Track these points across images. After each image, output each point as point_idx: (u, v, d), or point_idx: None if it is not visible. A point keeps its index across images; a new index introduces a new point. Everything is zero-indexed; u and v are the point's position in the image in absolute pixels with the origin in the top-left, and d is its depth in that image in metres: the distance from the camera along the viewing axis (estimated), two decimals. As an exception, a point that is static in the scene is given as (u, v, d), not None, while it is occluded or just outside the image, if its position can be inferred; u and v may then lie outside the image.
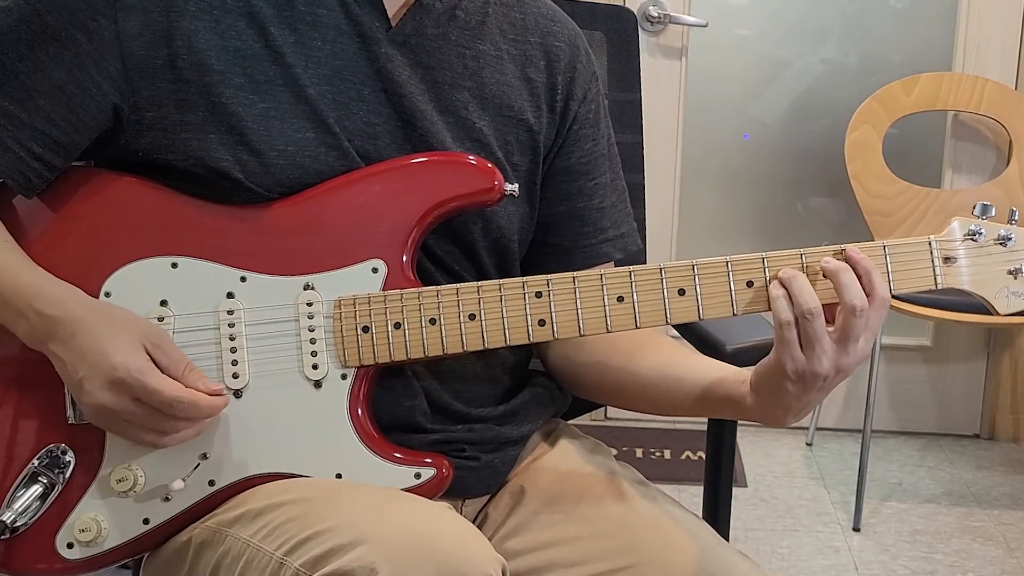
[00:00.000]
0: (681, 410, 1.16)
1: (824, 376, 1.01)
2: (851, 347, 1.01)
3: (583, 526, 1.13)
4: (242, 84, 1.10)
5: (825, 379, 1.01)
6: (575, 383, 1.27)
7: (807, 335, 1.00)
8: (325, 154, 1.11)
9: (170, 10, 1.09)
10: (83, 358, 1.04)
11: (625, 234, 1.29)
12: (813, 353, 1.00)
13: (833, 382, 1.03)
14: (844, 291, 1.01)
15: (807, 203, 3.24)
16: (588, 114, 1.25)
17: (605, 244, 1.27)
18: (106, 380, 1.03)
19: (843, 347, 1.01)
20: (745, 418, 1.10)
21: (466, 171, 1.12)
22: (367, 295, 1.09)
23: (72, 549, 1.09)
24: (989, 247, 1.08)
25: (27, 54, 1.08)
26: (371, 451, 1.09)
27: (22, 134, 1.08)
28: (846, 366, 1.01)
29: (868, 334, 1.02)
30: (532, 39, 1.23)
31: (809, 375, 1.01)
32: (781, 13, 3.16)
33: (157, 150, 1.10)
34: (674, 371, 1.16)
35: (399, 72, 1.14)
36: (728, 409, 1.11)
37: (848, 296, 1.00)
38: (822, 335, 1.00)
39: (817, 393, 1.03)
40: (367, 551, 0.93)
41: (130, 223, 1.11)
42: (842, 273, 1.02)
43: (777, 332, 1.02)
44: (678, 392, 1.15)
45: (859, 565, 2.51)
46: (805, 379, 1.01)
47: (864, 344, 1.02)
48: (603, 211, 1.26)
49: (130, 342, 1.04)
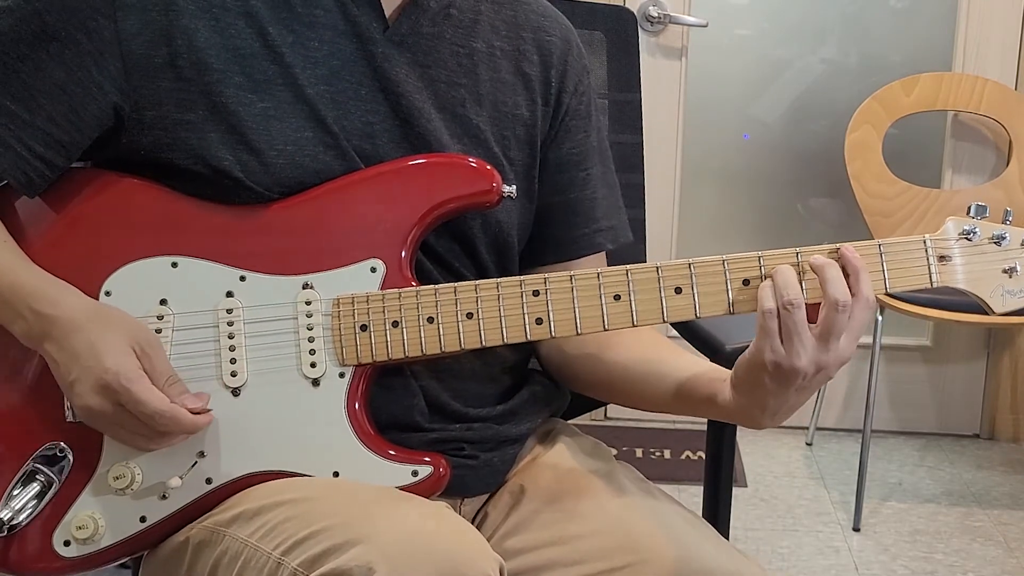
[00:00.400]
0: (663, 405, 1.17)
1: (802, 373, 1.01)
2: (832, 344, 1.01)
3: (583, 525, 1.13)
4: (242, 83, 1.10)
5: (804, 376, 1.01)
6: (566, 375, 1.27)
7: (787, 327, 1.01)
8: (324, 153, 1.12)
9: (169, 9, 1.09)
10: (76, 359, 1.04)
11: (616, 226, 1.29)
12: (792, 346, 1.00)
13: (812, 382, 1.02)
14: (828, 285, 1.02)
15: (807, 203, 3.25)
16: (579, 106, 1.26)
17: (598, 234, 1.27)
18: (96, 383, 1.03)
19: (824, 343, 1.01)
20: (725, 418, 1.11)
21: (465, 173, 1.13)
22: (365, 294, 1.09)
23: (69, 547, 1.09)
24: (983, 246, 1.08)
25: (28, 54, 1.08)
26: (368, 449, 1.09)
27: (24, 133, 1.08)
28: (826, 364, 1.01)
29: (850, 334, 1.02)
30: (525, 35, 1.24)
31: (788, 368, 1.01)
32: (781, 13, 3.17)
33: (158, 149, 1.10)
34: (658, 366, 1.17)
35: (396, 71, 1.15)
36: (709, 407, 1.11)
37: (831, 291, 1.01)
38: (802, 328, 1.00)
39: (796, 394, 1.03)
40: (365, 550, 0.93)
41: (130, 223, 1.11)
42: (828, 268, 1.02)
43: (759, 321, 1.02)
44: (660, 387, 1.16)
45: (859, 565, 2.51)
46: (783, 373, 1.01)
47: (846, 344, 1.02)
48: (595, 202, 1.27)
49: (122, 345, 1.05)
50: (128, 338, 1.05)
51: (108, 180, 1.13)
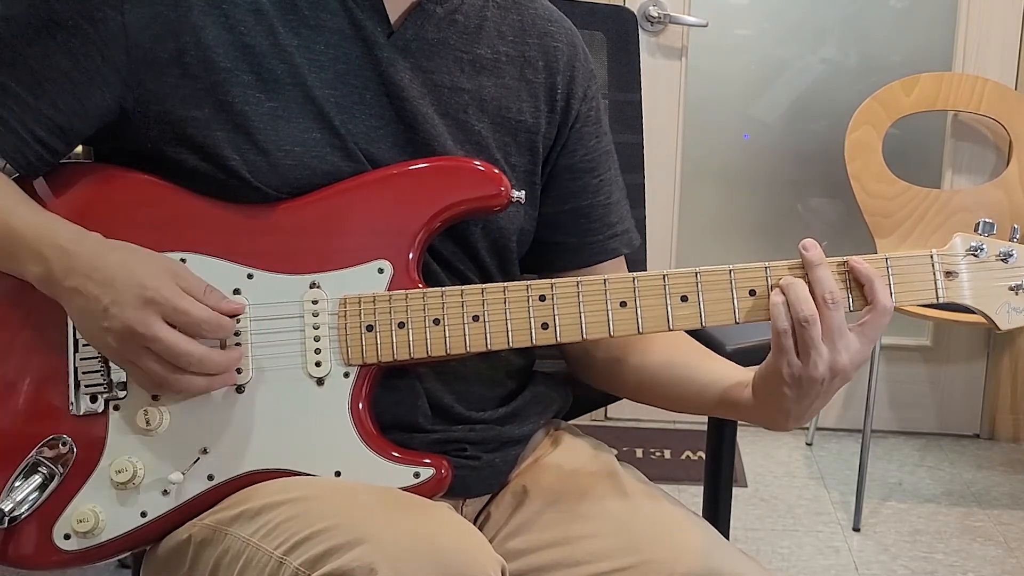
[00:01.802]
0: (689, 408, 1.19)
1: (820, 379, 1.02)
2: (840, 344, 1.02)
3: (586, 526, 1.14)
4: (249, 82, 1.10)
5: (822, 382, 1.03)
6: (594, 378, 1.29)
7: (803, 342, 1.02)
8: (331, 155, 1.12)
9: (178, 4, 1.09)
10: (110, 285, 1.03)
11: (629, 229, 1.30)
12: (809, 359, 1.02)
13: (832, 386, 1.04)
14: (815, 285, 1.03)
15: (807, 203, 3.25)
16: (590, 112, 1.26)
17: (613, 240, 1.28)
18: (138, 299, 1.02)
19: (832, 345, 1.02)
20: (748, 420, 1.12)
21: (474, 176, 1.13)
22: (372, 295, 1.09)
23: (69, 540, 1.09)
24: (990, 263, 1.09)
25: (36, 40, 1.08)
26: (371, 449, 1.09)
27: (27, 117, 1.09)
28: (842, 367, 1.02)
29: (867, 343, 1.04)
30: (530, 40, 1.24)
31: (806, 380, 1.03)
32: (781, 13, 3.17)
33: (165, 143, 1.10)
34: (683, 371, 1.19)
35: (401, 76, 1.15)
36: (732, 411, 1.14)
37: (818, 289, 1.03)
38: (818, 342, 1.02)
39: (817, 399, 1.05)
40: (367, 551, 0.93)
41: (139, 219, 1.11)
42: (816, 268, 1.04)
43: (774, 339, 1.03)
44: (685, 391, 1.18)
45: (859, 565, 2.51)
46: (802, 385, 1.03)
47: (861, 347, 1.03)
48: (609, 207, 1.28)
49: (155, 268, 1.05)
50: (158, 260, 1.06)
51: (117, 176, 1.13)
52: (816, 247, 1.05)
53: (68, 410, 1.10)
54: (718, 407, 1.15)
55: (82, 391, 1.10)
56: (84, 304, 1.04)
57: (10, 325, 1.10)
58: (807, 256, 1.05)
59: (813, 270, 1.04)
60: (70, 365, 1.10)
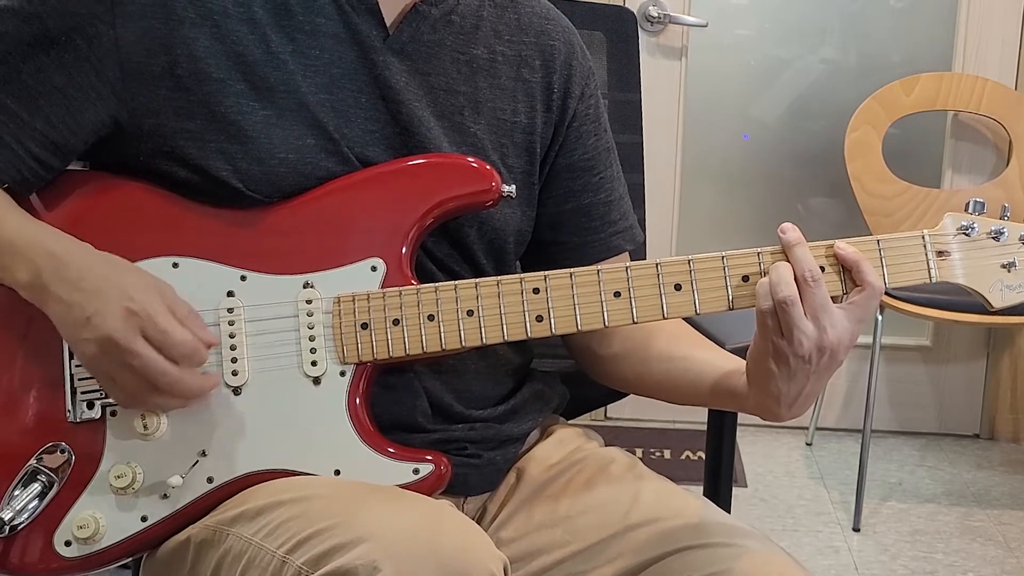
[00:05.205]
0: (687, 398, 1.20)
1: (806, 357, 1.02)
2: (825, 320, 1.02)
3: (572, 505, 1.17)
4: (242, 91, 1.10)
5: (809, 360, 1.03)
6: (600, 374, 1.29)
7: (786, 322, 1.02)
8: (326, 160, 1.12)
9: (169, 18, 1.09)
10: (96, 294, 1.03)
11: (632, 225, 1.31)
12: (793, 337, 1.02)
13: (822, 366, 1.04)
14: (795, 264, 1.04)
15: (807, 203, 3.25)
16: (588, 110, 1.26)
17: (616, 236, 1.28)
18: (121, 310, 1.03)
19: (817, 322, 1.02)
20: (745, 410, 1.13)
21: (464, 172, 1.13)
22: (366, 292, 1.09)
23: (70, 547, 1.09)
24: (982, 241, 1.09)
25: (29, 56, 1.08)
26: (369, 447, 1.09)
27: (22, 133, 1.09)
28: (829, 344, 1.02)
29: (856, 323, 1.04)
30: (527, 39, 1.23)
31: (792, 357, 1.03)
32: (781, 13, 3.17)
33: (157, 157, 1.10)
34: (681, 362, 1.20)
35: (397, 79, 1.15)
36: (729, 399, 1.14)
37: (798, 268, 1.03)
38: (800, 320, 1.02)
39: (809, 382, 1.05)
40: (369, 549, 0.93)
41: (131, 225, 1.11)
42: (794, 248, 1.05)
43: (758, 319, 1.04)
44: (683, 382, 1.19)
45: (859, 565, 2.51)
46: (788, 362, 1.03)
47: (849, 325, 1.03)
48: (611, 204, 1.28)
49: (143, 283, 1.05)
50: (147, 276, 1.06)
51: (109, 182, 1.13)
52: (793, 229, 1.05)
53: (65, 417, 1.10)
54: (715, 396, 1.16)
55: (79, 398, 1.10)
56: (67, 312, 1.05)
57: (4, 333, 1.10)
58: (784, 238, 1.05)
59: (791, 250, 1.05)
60: (66, 372, 1.10)
